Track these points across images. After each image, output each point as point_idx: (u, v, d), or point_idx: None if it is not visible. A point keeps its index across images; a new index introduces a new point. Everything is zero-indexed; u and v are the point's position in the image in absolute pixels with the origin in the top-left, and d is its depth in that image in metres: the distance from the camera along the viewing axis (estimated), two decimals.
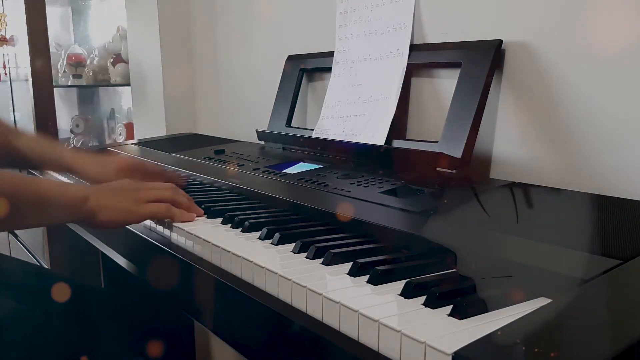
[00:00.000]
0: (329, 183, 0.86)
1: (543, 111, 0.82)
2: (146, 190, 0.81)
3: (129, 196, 0.79)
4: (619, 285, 0.47)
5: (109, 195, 0.78)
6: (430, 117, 0.99)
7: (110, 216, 0.77)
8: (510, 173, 0.86)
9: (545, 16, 0.81)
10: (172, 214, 0.79)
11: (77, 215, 0.76)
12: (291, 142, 1.18)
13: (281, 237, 0.67)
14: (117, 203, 0.78)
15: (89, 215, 0.76)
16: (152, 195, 0.80)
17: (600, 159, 0.75)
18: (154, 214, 0.80)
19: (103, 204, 0.76)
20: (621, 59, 0.73)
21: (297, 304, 0.54)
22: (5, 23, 2.48)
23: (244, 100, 1.54)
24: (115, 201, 0.78)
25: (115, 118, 2.69)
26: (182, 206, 0.81)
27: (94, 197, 0.76)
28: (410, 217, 0.69)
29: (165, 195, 0.80)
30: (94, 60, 2.52)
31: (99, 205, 0.76)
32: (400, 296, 0.50)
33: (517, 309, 0.46)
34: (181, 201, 0.81)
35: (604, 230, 0.59)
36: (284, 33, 1.36)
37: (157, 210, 0.79)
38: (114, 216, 0.77)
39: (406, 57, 0.99)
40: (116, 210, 0.77)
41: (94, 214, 0.76)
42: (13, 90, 2.54)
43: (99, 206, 0.76)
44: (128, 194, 0.79)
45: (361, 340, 0.47)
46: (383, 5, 1.04)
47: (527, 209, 0.70)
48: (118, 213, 0.77)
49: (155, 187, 0.82)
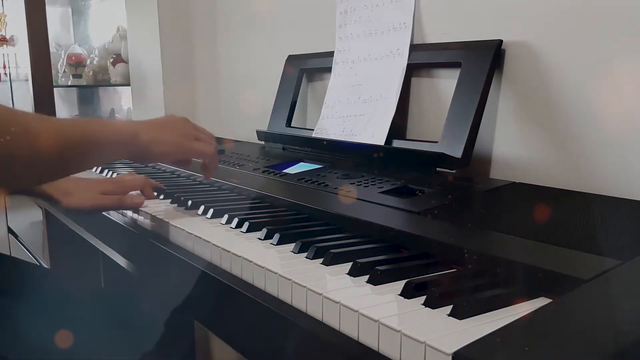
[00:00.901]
0: (329, 183, 0.86)
1: (543, 111, 0.82)
2: (195, 128, 0.84)
3: (178, 130, 0.81)
4: (619, 285, 0.47)
5: (159, 129, 0.80)
6: (430, 117, 0.99)
7: (162, 150, 0.79)
8: (510, 173, 0.86)
9: (545, 16, 0.81)
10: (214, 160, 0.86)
11: (132, 150, 0.77)
12: (291, 142, 1.18)
13: (281, 237, 0.67)
14: (166, 136, 0.80)
15: (143, 149, 0.77)
16: (200, 135, 0.84)
17: (600, 159, 0.75)
18: (202, 153, 0.83)
19: (154, 137, 0.78)
20: (621, 59, 0.73)
21: (297, 304, 0.54)
22: (5, 23, 2.48)
23: (244, 100, 1.54)
24: (165, 134, 0.80)
25: (115, 118, 2.69)
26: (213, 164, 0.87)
27: (144, 131, 0.77)
28: (410, 217, 0.69)
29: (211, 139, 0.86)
30: (94, 60, 2.52)
31: (150, 139, 0.77)
32: (400, 296, 0.50)
33: (517, 309, 0.46)
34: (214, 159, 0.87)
35: (604, 230, 0.59)
36: (284, 33, 1.36)
37: (205, 150, 0.83)
38: (165, 149, 0.79)
39: (406, 57, 0.99)
40: (167, 144, 0.79)
41: (147, 147, 0.77)
42: (13, 90, 2.54)
43: (151, 139, 0.77)
44: (177, 127, 0.82)
45: (361, 340, 0.47)
46: (383, 5, 1.04)
47: (526, 208, 0.70)
48: (169, 146, 0.79)
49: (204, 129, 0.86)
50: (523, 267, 0.52)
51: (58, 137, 0.67)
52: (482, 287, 0.50)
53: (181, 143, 0.81)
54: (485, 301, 0.47)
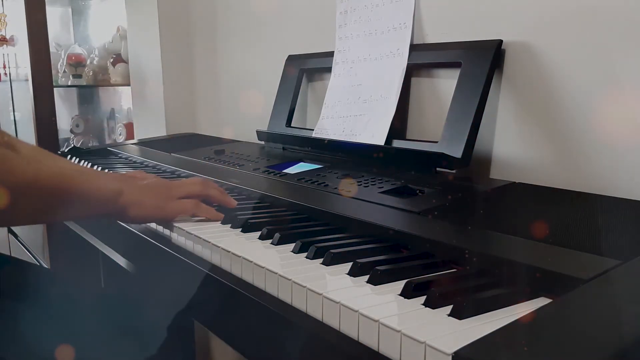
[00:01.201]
0: (329, 183, 0.86)
1: (543, 111, 0.82)
2: (177, 187, 0.80)
3: (160, 193, 0.79)
4: (619, 286, 0.47)
5: (141, 191, 0.77)
6: (430, 117, 0.99)
7: (140, 213, 0.77)
8: (510, 173, 0.86)
9: (545, 16, 0.81)
10: (199, 210, 0.78)
11: (109, 210, 0.75)
12: (291, 142, 1.18)
13: (281, 237, 0.67)
14: (147, 200, 0.77)
15: (120, 211, 0.75)
16: (182, 191, 0.80)
17: (600, 159, 0.75)
18: (182, 211, 0.79)
19: (135, 199, 0.76)
20: (621, 59, 0.73)
21: (297, 304, 0.54)
22: (5, 23, 2.48)
23: (244, 100, 1.54)
24: (146, 198, 0.77)
25: (115, 118, 2.69)
26: (215, 199, 0.81)
27: (127, 193, 0.75)
28: (410, 217, 0.69)
29: (194, 190, 0.80)
30: (94, 60, 2.52)
31: (131, 201, 0.75)
32: (400, 296, 0.50)
33: (517, 309, 0.46)
34: (213, 194, 0.81)
35: (604, 230, 0.59)
36: (284, 33, 1.36)
37: (185, 207, 0.79)
38: (144, 213, 0.77)
39: (406, 57, 0.99)
40: (146, 208, 0.77)
41: (124, 210, 0.75)
42: (13, 90, 2.54)
43: (131, 201, 0.75)
44: (159, 190, 0.79)
45: (361, 340, 0.47)
46: (383, 5, 1.04)
47: (526, 208, 0.70)
48: (147, 210, 0.77)
49: (185, 183, 0.82)
50: (523, 267, 0.52)
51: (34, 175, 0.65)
52: (482, 287, 0.50)
53: (160, 206, 0.78)
54: (485, 301, 0.47)
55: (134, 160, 1.33)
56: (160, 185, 0.80)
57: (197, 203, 0.79)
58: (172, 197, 0.79)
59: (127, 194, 0.75)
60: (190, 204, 0.79)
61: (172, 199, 0.79)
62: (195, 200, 0.79)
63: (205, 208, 0.79)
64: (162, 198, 0.78)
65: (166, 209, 0.78)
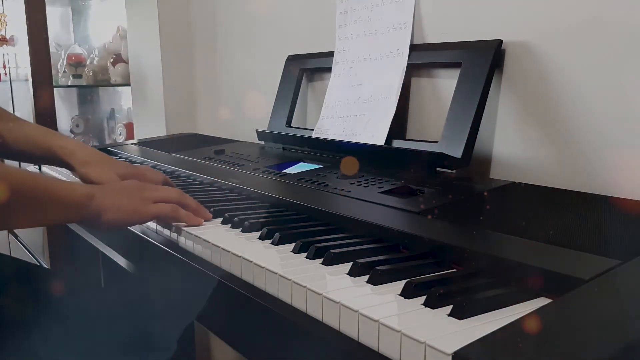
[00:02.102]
0: (329, 183, 0.86)
1: (543, 111, 0.82)
2: (152, 190, 0.79)
3: (134, 195, 0.77)
4: (619, 285, 0.47)
5: (115, 195, 0.76)
6: (430, 117, 0.99)
7: (115, 217, 0.74)
8: (510, 173, 0.86)
9: (545, 16, 0.81)
10: (179, 215, 0.77)
11: (82, 215, 0.73)
12: (291, 142, 1.18)
13: (281, 237, 0.67)
14: (122, 203, 0.75)
15: (94, 216, 0.73)
16: (159, 195, 0.78)
17: (600, 159, 0.75)
18: (160, 214, 0.77)
19: (109, 203, 0.74)
20: (621, 59, 0.73)
21: (297, 304, 0.54)
22: (5, 23, 2.48)
23: (244, 100, 1.54)
24: (120, 201, 0.75)
25: (115, 118, 2.69)
26: (190, 208, 0.78)
27: (99, 197, 0.74)
28: (410, 217, 0.69)
29: (171, 195, 0.78)
30: (94, 60, 2.52)
31: (104, 205, 0.73)
32: (400, 296, 0.50)
33: (517, 309, 0.47)
34: (188, 203, 0.79)
35: (604, 230, 0.59)
36: (284, 33, 1.36)
37: (163, 210, 0.77)
38: (119, 216, 0.75)
39: (406, 57, 0.99)
40: (122, 211, 0.75)
41: (99, 215, 0.73)
42: (13, 90, 2.54)
43: (105, 206, 0.73)
44: (134, 193, 0.77)
45: (361, 340, 0.47)
46: (383, 5, 1.04)
47: (526, 208, 0.70)
48: (123, 213, 0.75)
49: (161, 187, 0.80)
50: (523, 267, 0.52)
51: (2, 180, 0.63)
52: (482, 287, 0.50)
53: (137, 209, 0.76)
54: (485, 301, 0.47)
55: (134, 160, 1.33)
56: (134, 187, 0.78)
57: (176, 207, 0.77)
58: (147, 200, 0.77)
59: (99, 197, 0.73)
60: (169, 207, 0.77)
61: (148, 201, 0.77)
62: (173, 204, 0.77)
63: (184, 212, 0.77)
64: (136, 201, 0.76)
65: (142, 211, 0.76)
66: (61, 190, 0.72)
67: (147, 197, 0.77)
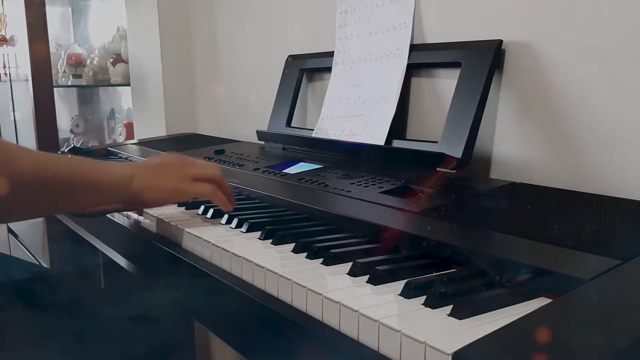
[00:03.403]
0: (329, 183, 0.86)
1: (543, 111, 0.82)
2: (192, 165, 0.77)
3: (174, 173, 0.75)
4: (619, 285, 0.47)
5: (154, 173, 0.75)
6: (430, 117, 0.99)
7: (156, 196, 0.74)
8: (510, 173, 0.86)
9: (545, 16, 0.81)
10: (217, 196, 0.76)
11: (123, 197, 0.73)
12: (291, 142, 1.18)
13: (281, 237, 0.67)
14: (162, 181, 0.74)
15: (135, 196, 0.73)
16: (199, 172, 0.77)
17: (600, 159, 0.75)
18: (200, 194, 0.76)
19: (148, 183, 0.73)
20: (621, 59, 0.73)
21: (297, 304, 0.54)
22: (5, 23, 2.48)
23: (244, 100, 1.54)
24: (160, 180, 0.74)
25: (115, 118, 2.69)
26: (226, 191, 0.78)
27: (139, 176, 0.73)
28: (410, 217, 0.69)
29: (212, 174, 0.77)
30: (94, 60, 2.52)
31: (144, 185, 0.73)
32: (400, 296, 0.50)
33: (517, 309, 0.46)
34: (225, 185, 0.78)
35: (604, 230, 0.59)
36: (284, 33, 1.36)
37: (204, 190, 0.76)
38: (160, 196, 0.74)
39: (406, 57, 0.99)
40: (162, 190, 0.74)
41: (139, 195, 0.73)
42: (13, 90, 2.54)
43: (145, 186, 0.73)
44: (174, 170, 0.76)
45: (361, 340, 0.47)
46: (383, 5, 1.04)
47: (526, 208, 0.70)
48: (163, 192, 0.74)
49: (201, 164, 0.79)
50: (523, 267, 0.52)
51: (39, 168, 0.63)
52: (482, 287, 0.50)
53: (177, 188, 0.75)
54: (485, 301, 0.47)
55: (134, 160, 1.33)
56: (174, 163, 0.77)
57: (216, 190, 0.76)
58: (187, 177, 0.76)
59: (139, 178, 0.73)
60: (210, 189, 0.76)
61: (187, 179, 0.76)
62: (214, 186, 0.77)
63: (221, 197, 0.77)
64: (176, 179, 0.75)
65: (183, 190, 0.76)
66: (99, 173, 0.71)
67: (187, 174, 0.76)
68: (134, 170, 0.74)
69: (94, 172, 0.70)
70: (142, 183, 0.73)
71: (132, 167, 0.76)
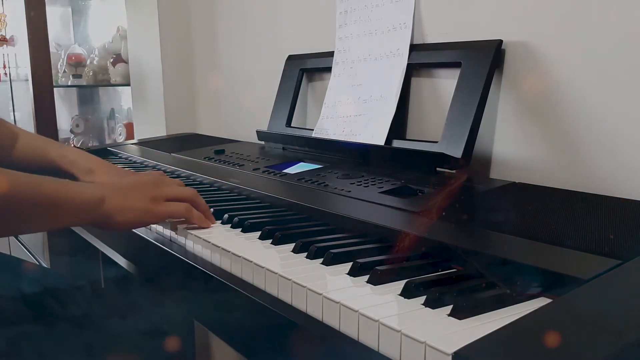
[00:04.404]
0: (329, 183, 0.86)
1: (543, 111, 0.82)
2: (165, 186, 0.76)
3: (146, 194, 0.73)
4: (619, 285, 0.47)
5: (125, 195, 0.73)
6: (430, 117, 0.99)
7: (127, 218, 0.72)
8: (510, 173, 0.86)
9: (545, 16, 0.81)
10: (192, 215, 0.74)
11: (92, 218, 0.71)
12: (291, 142, 1.18)
13: (281, 237, 0.67)
14: (133, 203, 0.72)
15: (105, 218, 0.71)
16: (172, 192, 0.75)
17: (600, 159, 0.75)
18: (173, 214, 0.74)
19: (119, 204, 0.71)
20: (621, 59, 0.73)
21: (297, 304, 0.54)
22: (5, 23, 2.48)
23: (244, 100, 1.54)
24: (131, 201, 0.72)
25: (115, 118, 2.69)
26: (201, 208, 0.76)
27: (110, 198, 0.71)
28: (410, 217, 0.69)
29: (185, 194, 0.76)
30: (94, 60, 2.52)
31: (115, 207, 0.71)
32: (400, 296, 0.50)
33: (517, 309, 0.46)
34: (200, 203, 0.76)
35: (604, 230, 0.59)
36: (284, 33, 1.36)
37: (177, 210, 0.74)
38: (131, 218, 0.72)
39: (406, 57, 0.99)
40: (133, 211, 0.72)
41: (109, 217, 0.71)
42: (13, 90, 2.54)
43: (115, 208, 0.71)
44: (145, 191, 0.74)
45: (361, 340, 0.47)
46: (383, 5, 1.04)
47: (526, 208, 0.70)
48: (135, 214, 0.72)
49: (174, 183, 0.77)
50: (523, 267, 0.52)
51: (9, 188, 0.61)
52: (482, 287, 0.50)
53: (149, 209, 0.73)
54: (485, 301, 0.47)
55: (134, 160, 1.33)
56: (146, 184, 0.75)
57: (190, 207, 0.75)
58: (159, 198, 0.74)
59: (109, 199, 0.71)
60: (183, 208, 0.74)
61: (160, 200, 0.74)
62: (187, 204, 0.75)
63: (197, 214, 0.75)
64: (148, 200, 0.73)
65: (154, 211, 0.74)
66: (70, 193, 0.69)
67: (159, 195, 0.74)
68: (105, 191, 0.72)
69: (64, 193, 0.69)
70: (112, 205, 0.71)
71: (103, 188, 0.74)
